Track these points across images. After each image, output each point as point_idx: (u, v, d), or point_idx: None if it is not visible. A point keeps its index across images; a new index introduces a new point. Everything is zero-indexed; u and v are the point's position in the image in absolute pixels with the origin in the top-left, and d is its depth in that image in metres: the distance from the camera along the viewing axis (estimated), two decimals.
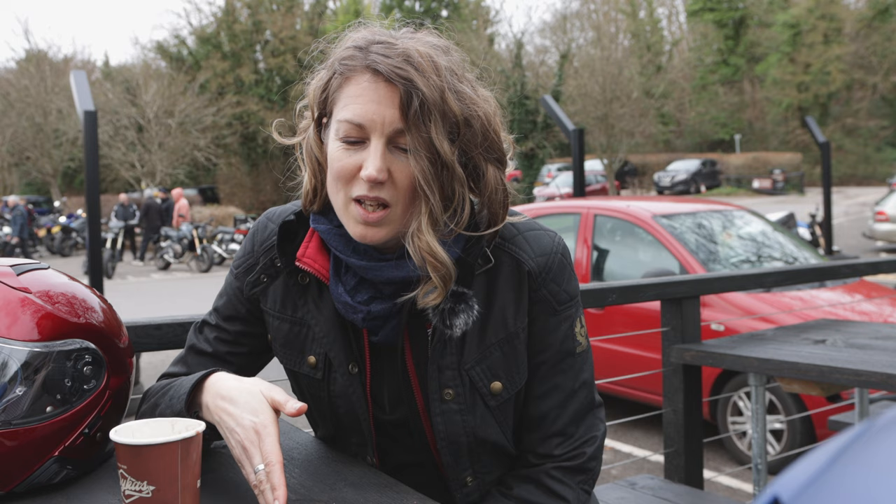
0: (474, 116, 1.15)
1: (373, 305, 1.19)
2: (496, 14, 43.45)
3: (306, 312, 1.26)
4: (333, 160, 1.16)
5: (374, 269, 1.18)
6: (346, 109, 1.13)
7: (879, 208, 16.87)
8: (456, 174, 1.14)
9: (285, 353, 1.30)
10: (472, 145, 1.15)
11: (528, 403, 1.26)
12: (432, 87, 1.10)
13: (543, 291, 1.23)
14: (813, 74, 39.59)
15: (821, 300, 5.08)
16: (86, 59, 39.95)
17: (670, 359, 2.67)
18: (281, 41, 34.97)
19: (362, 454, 1.29)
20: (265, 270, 1.29)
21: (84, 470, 1.19)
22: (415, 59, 1.11)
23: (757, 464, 2.58)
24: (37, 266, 1.21)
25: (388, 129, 1.11)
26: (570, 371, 1.26)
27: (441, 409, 1.21)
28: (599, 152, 30.33)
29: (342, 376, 1.25)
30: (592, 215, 6.15)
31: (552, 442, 1.25)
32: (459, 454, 1.23)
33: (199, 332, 1.37)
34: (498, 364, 1.22)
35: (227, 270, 16.20)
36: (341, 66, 1.15)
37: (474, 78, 1.20)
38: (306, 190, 1.25)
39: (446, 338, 1.19)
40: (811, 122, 11.54)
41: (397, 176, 1.13)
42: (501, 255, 1.22)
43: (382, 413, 1.27)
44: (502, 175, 1.20)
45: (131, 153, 28.02)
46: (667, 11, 45.76)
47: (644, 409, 5.45)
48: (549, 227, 1.29)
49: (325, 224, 1.23)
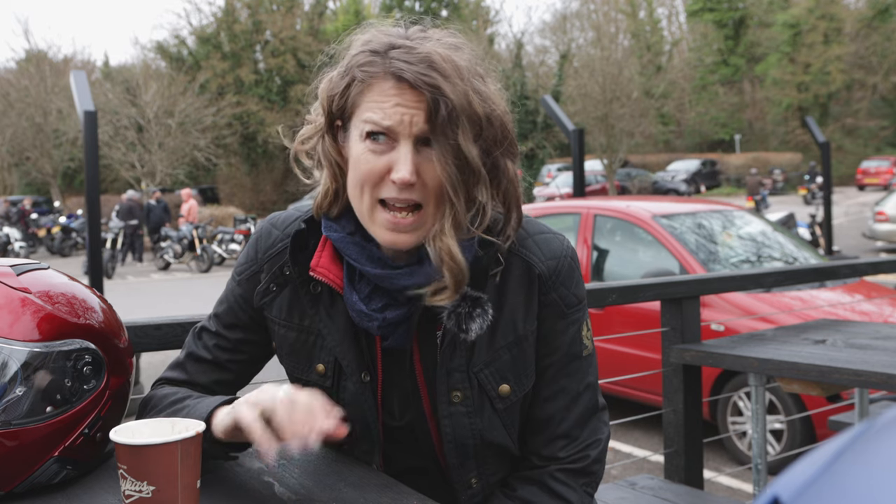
0: (494, 115, 1.15)
1: (387, 313, 1.18)
2: (496, 14, 43.52)
3: (318, 321, 1.24)
4: (360, 163, 1.14)
5: (389, 277, 1.17)
6: (373, 113, 1.12)
7: (879, 208, 16.86)
8: (482, 178, 1.14)
9: (292, 361, 1.29)
10: (493, 143, 1.16)
11: (533, 406, 1.26)
12: (458, 92, 1.10)
13: (553, 295, 1.23)
14: (813, 74, 39.59)
15: (821, 300, 5.08)
16: (86, 59, 40.00)
17: (670, 359, 2.67)
18: (281, 41, 34.95)
19: (368, 460, 1.29)
20: (274, 280, 1.27)
21: (84, 470, 1.19)
22: (438, 64, 1.10)
23: (757, 464, 2.58)
24: (37, 266, 1.21)
25: (416, 132, 1.11)
26: (577, 374, 1.26)
27: (449, 412, 1.21)
28: (599, 152, 30.31)
29: (354, 384, 1.24)
30: (592, 215, 6.15)
31: (557, 444, 1.25)
32: (465, 456, 1.23)
33: (197, 338, 1.34)
34: (507, 367, 1.22)
35: (226, 270, 16.15)
36: (361, 72, 1.13)
37: (485, 72, 1.19)
38: (326, 192, 1.21)
39: (458, 341, 1.19)
40: (811, 122, 11.54)
41: (427, 177, 1.12)
42: (512, 258, 1.22)
43: (392, 420, 1.26)
44: (517, 169, 1.20)
45: (131, 153, 27.99)
46: (667, 11, 45.79)
47: (644, 409, 5.45)
48: (556, 230, 1.29)
49: (337, 231, 1.21)
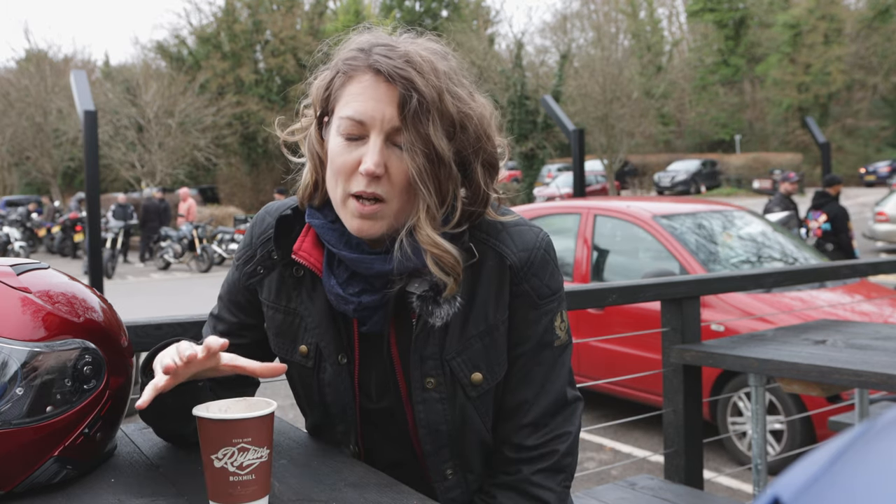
0: (469, 119, 1.19)
1: (363, 297, 1.23)
2: (496, 14, 43.47)
3: (300, 304, 1.30)
4: (334, 155, 1.20)
5: (364, 262, 1.22)
6: (348, 107, 1.18)
7: (879, 209, 16.86)
8: (452, 173, 1.18)
9: (278, 342, 1.34)
10: (466, 147, 1.19)
11: (504, 393, 1.29)
12: (431, 87, 1.15)
13: (525, 286, 1.26)
14: (813, 75, 39.57)
15: (821, 300, 5.08)
16: (86, 59, 39.93)
17: (670, 359, 2.67)
18: (281, 41, 34.95)
19: (346, 442, 1.33)
20: (262, 262, 1.34)
21: (84, 470, 1.20)
22: (415, 61, 1.16)
23: (757, 464, 2.58)
24: (37, 266, 1.22)
25: (387, 126, 1.16)
26: (548, 363, 1.29)
27: (423, 398, 1.25)
28: (599, 152, 30.30)
29: (332, 366, 1.29)
30: (592, 215, 6.15)
31: (525, 432, 1.27)
32: (440, 444, 1.26)
33: (208, 321, 1.43)
34: (479, 355, 1.25)
35: (227, 270, 16.31)
36: (344, 65, 1.20)
37: (472, 84, 1.25)
38: (306, 184, 1.28)
39: (429, 328, 1.22)
40: (811, 122, 11.57)
41: (393, 171, 1.17)
42: (486, 251, 1.25)
43: (369, 402, 1.30)
44: (490, 179, 1.24)
45: (131, 153, 28.00)
46: (667, 12, 45.76)
47: (644, 409, 5.45)
48: (535, 224, 1.32)
49: (319, 219, 1.27)
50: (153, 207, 20.25)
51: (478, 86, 1.26)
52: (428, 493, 1.26)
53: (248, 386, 1.35)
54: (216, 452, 1.05)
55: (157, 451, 1.34)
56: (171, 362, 1.11)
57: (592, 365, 5.77)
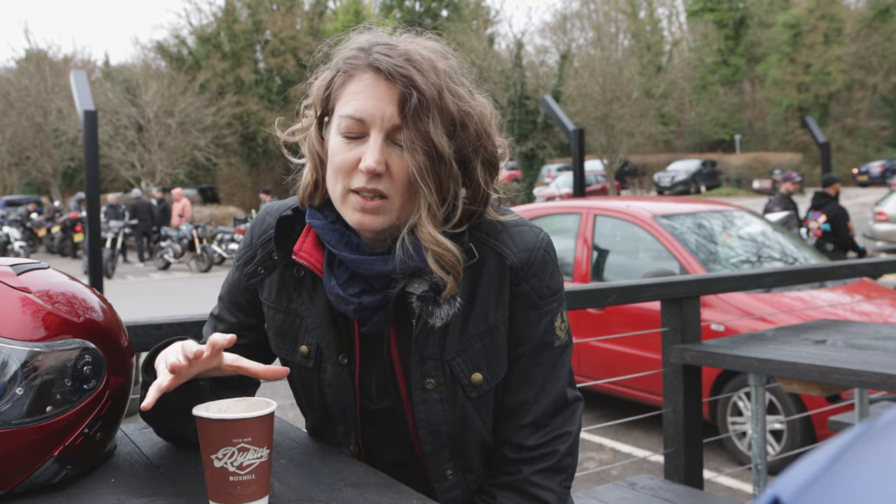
0: (470, 117, 1.19)
1: (363, 298, 1.23)
2: (496, 14, 43.49)
3: (300, 304, 1.30)
4: (334, 153, 1.20)
5: (364, 263, 1.22)
6: (348, 105, 1.18)
7: (879, 209, 16.85)
8: (452, 171, 1.18)
9: (279, 342, 1.34)
10: (466, 145, 1.20)
11: (505, 393, 1.29)
12: (431, 85, 1.15)
13: (525, 286, 1.26)
14: (813, 75, 39.56)
15: (821, 300, 5.07)
16: (86, 59, 39.93)
17: (670, 359, 2.67)
18: (281, 41, 34.96)
19: (346, 442, 1.33)
20: (262, 263, 1.34)
21: (84, 470, 1.19)
22: (415, 60, 1.16)
23: (757, 464, 2.58)
24: (37, 266, 1.22)
25: (387, 125, 1.16)
26: (548, 363, 1.29)
27: (423, 398, 1.25)
28: (599, 152, 30.30)
29: (332, 366, 1.29)
30: (592, 215, 6.15)
31: (525, 432, 1.27)
32: (440, 444, 1.26)
33: (209, 322, 1.43)
34: (479, 356, 1.25)
35: (227, 270, 16.20)
36: (345, 64, 1.20)
37: (472, 83, 1.25)
38: (306, 184, 1.28)
39: (429, 328, 1.22)
40: (811, 122, 11.56)
41: (394, 169, 1.17)
42: (486, 251, 1.25)
43: (370, 402, 1.30)
44: (490, 178, 1.24)
45: (131, 153, 28.01)
46: (667, 12, 45.76)
47: (644, 409, 5.45)
48: (535, 225, 1.32)
49: (320, 220, 1.27)
50: (143, 207, 20.16)
51: (478, 86, 1.27)
52: (428, 494, 1.26)
53: (248, 386, 1.35)
54: (216, 452, 1.05)
55: (157, 451, 1.34)
56: (176, 361, 1.11)
57: (592, 365, 5.77)
